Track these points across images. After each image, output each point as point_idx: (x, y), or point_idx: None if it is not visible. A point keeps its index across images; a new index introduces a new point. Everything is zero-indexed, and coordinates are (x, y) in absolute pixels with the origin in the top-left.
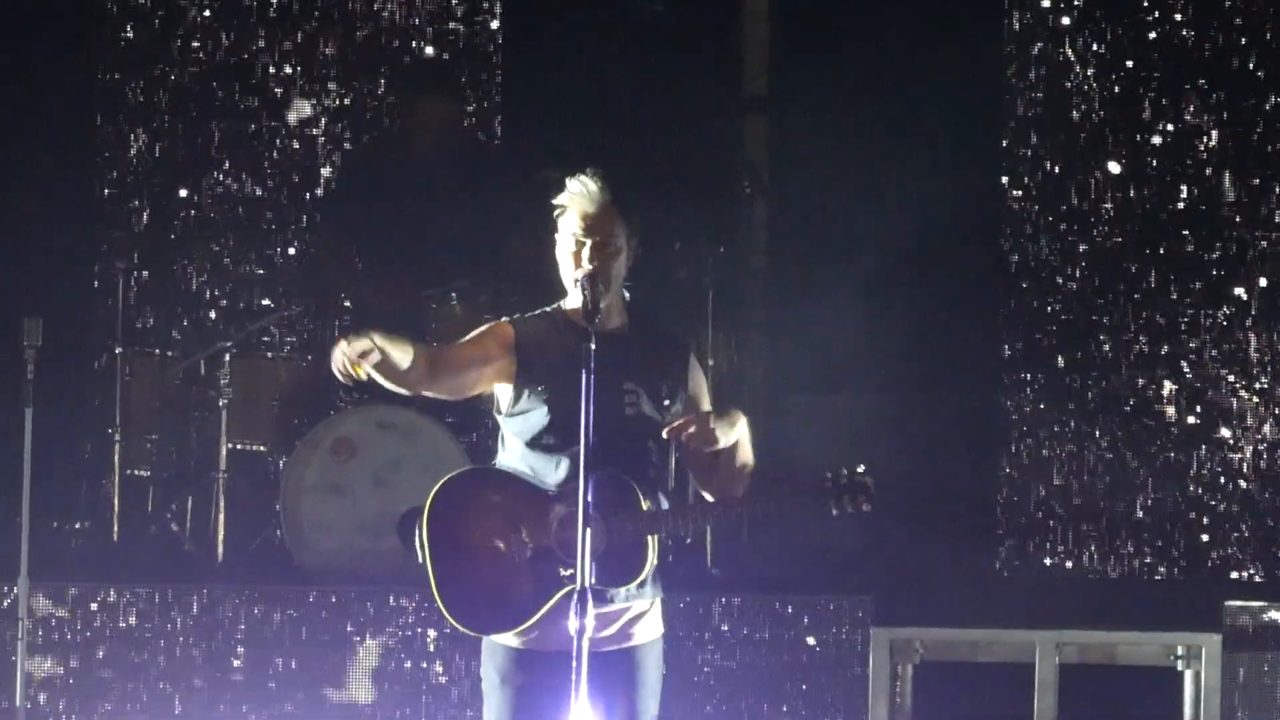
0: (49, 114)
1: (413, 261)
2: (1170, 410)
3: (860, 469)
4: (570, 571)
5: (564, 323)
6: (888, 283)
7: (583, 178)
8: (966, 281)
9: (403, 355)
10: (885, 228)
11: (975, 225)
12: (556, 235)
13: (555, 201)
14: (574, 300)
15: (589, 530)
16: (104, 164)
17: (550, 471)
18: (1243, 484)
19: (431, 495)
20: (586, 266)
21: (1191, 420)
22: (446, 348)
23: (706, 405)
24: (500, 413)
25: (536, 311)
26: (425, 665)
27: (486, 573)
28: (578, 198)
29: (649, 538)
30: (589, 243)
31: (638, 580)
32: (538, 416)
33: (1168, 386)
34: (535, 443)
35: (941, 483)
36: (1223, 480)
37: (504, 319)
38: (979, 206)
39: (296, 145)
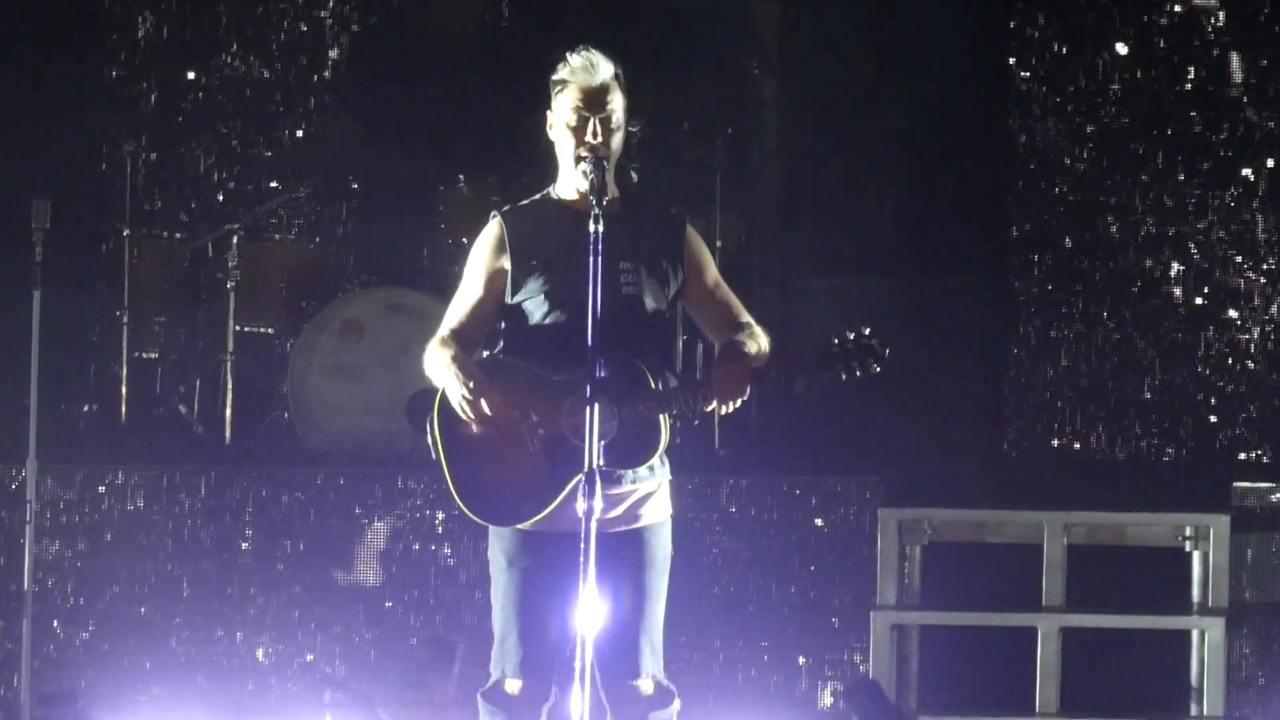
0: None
1: (420, 144)
2: (1178, 291)
3: (866, 331)
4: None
5: (556, 206)
6: (896, 164)
7: (584, 52)
8: (975, 162)
9: (469, 354)
10: (895, 109)
11: (983, 106)
12: (551, 112)
13: (555, 77)
14: (567, 180)
15: (600, 412)
16: (111, 46)
17: (554, 356)
18: (1250, 365)
19: (440, 393)
20: (590, 141)
21: (1199, 301)
22: (466, 304)
23: (712, 273)
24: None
25: (526, 201)
26: (434, 547)
27: (501, 465)
28: (579, 72)
29: (660, 417)
30: (592, 119)
31: (650, 460)
32: (536, 302)
33: (1175, 267)
34: (537, 328)
35: (950, 364)
36: (1230, 361)
37: (493, 215)
38: (987, 88)
39: (304, 28)
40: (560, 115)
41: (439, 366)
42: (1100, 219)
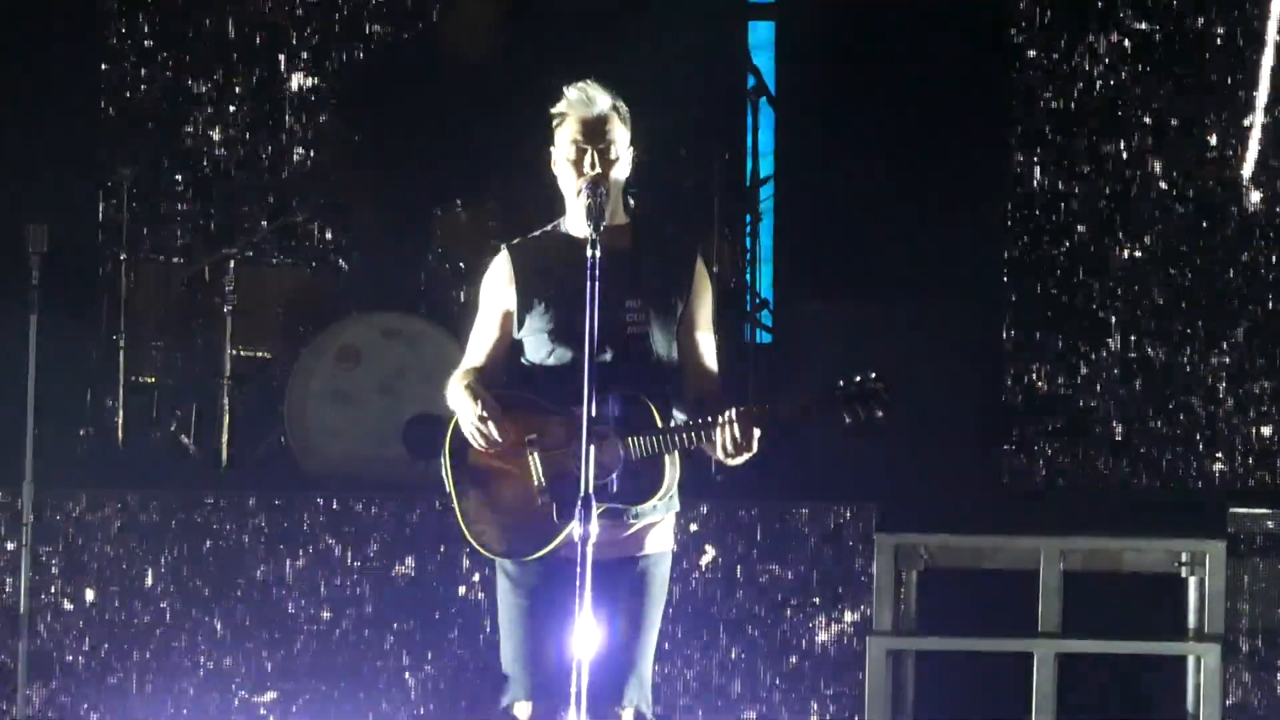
0: (54, 21)
1: (417, 169)
2: (1175, 316)
3: (873, 375)
4: (593, 487)
5: (562, 241)
6: (892, 189)
7: (582, 85)
8: (972, 188)
9: (488, 385)
10: (890, 134)
11: (980, 132)
12: (554, 147)
13: (554, 110)
14: (573, 214)
15: (605, 447)
16: (109, 70)
17: (557, 393)
18: (1250, 389)
19: (450, 431)
20: (589, 172)
21: (1200, 324)
22: (484, 342)
23: (705, 313)
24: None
25: (536, 233)
26: (431, 571)
27: (510, 501)
28: (577, 105)
29: (666, 456)
30: (590, 149)
31: (656, 498)
32: (540, 339)
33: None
34: (542, 365)
35: (948, 390)
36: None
37: (501, 248)
38: (985, 113)
39: (304, 54)
40: (561, 149)
41: (454, 392)
42: (1097, 244)
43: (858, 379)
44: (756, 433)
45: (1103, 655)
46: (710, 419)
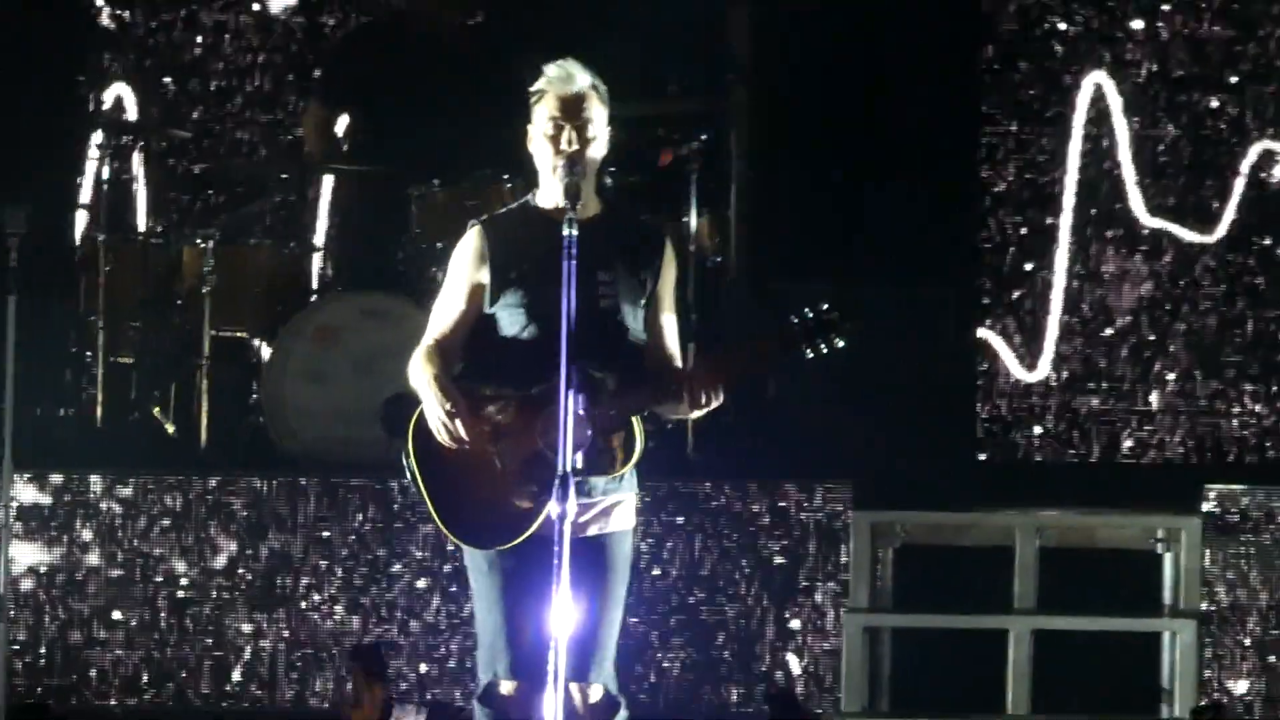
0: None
1: (393, 148)
2: (1146, 294)
3: (824, 306)
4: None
5: (535, 215)
6: (868, 171)
7: (561, 63)
8: (947, 169)
9: (448, 371)
10: (866, 116)
11: (955, 112)
12: (531, 125)
13: (533, 88)
14: (546, 191)
15: (574, 422)
16: (86, 49)
17: (526, 368)
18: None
19: (412, 425)
20: (565, 149)
21: (1169, 306)
22: (449, 315)
23: (669, 297)
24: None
25: (504, 209)
26: (408, 550)
27: (482, 490)
28: (556, 82)
29: (635, 424)
30: (568, 126)
31: (627, 467)
32: (512, 314)
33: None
34: (512, 339)
35: (923, 369)
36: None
37: (471, 224)
38: (960, 93)
39: (279, 32)
40: (538, 125)
41: (421, 383)
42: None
43: (809, 312)
44: (720, 381)
45: (1078, 631)
46: (673, 379)
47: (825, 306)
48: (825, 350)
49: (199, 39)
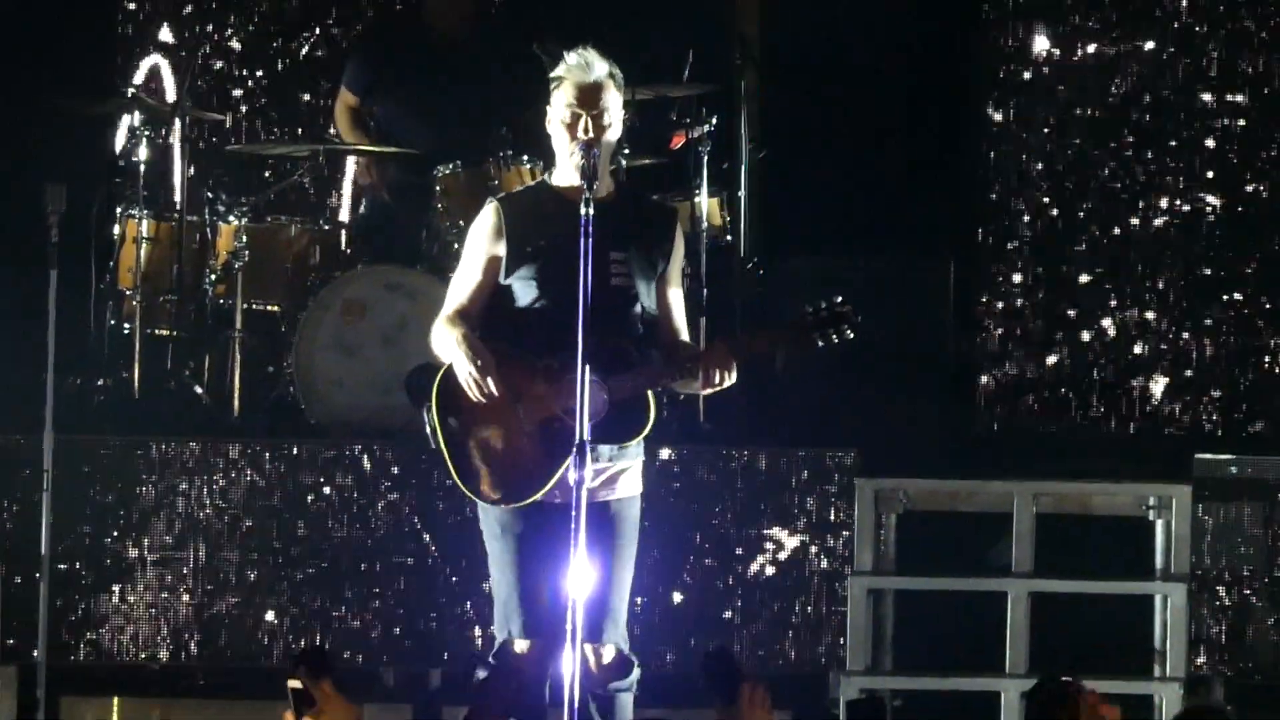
0: None
1: (417, 131)
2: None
3: (838, 300)
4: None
5: (550, 195)
6: (873, 148)
7: (580, 51)
8: (950, 145)
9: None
10: (872, 94)
11: (959, 90)
12: (550, 108)
13: (553, 74)
14: (563, 173)
15: (590, 390)
16: (121, 30)
17: (538, 339)
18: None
19: (436, 385)
20: (581, 136)
21: (1167, 278)
22: (467, 286)
23: (676, 274)
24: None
25: (522, 187)
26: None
27: (500, 450)
28: (575, 70)
29: (649, 396)
30: (584, 114)
31: (641, 435)
32: (526, 286)
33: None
34: (524, 311)
35: (926, 341)
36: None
37: (489, 201)
38: (964, 71)
39: (303, 13)
40: (556, 111)
41: (448, 343)
42: (1073, 198)
43: (824, 304)
44: (734, 363)
45: (1074, 594)
46: (689, 357)
47: (839, 300)
48: (836, 340)
49: (232, 18)
